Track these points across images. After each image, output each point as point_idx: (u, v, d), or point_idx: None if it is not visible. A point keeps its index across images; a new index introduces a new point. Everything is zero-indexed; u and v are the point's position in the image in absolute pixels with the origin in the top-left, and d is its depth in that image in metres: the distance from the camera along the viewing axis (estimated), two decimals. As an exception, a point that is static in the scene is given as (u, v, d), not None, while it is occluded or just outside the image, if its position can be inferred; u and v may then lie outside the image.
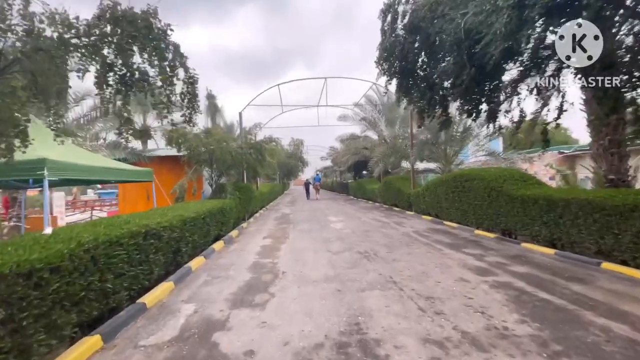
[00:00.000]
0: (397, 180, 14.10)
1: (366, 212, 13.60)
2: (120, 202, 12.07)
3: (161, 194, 9.42)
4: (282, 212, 15.57)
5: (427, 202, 10.84)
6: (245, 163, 9.97)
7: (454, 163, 13.91)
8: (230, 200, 9.31)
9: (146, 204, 11.34)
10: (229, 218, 8.70)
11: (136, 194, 11.57)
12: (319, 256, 6.15)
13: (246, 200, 11.53)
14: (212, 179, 10.43)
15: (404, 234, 8.21)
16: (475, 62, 4.61)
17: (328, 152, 37.98)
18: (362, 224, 10.15)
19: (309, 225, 10.31)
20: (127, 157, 9.86)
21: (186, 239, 5.49)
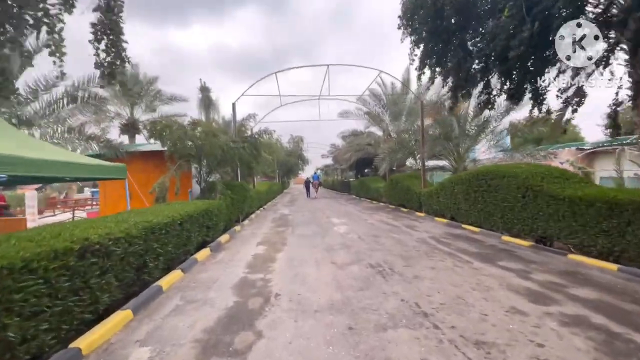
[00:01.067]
0: (406, 178, 12.95)
1: (372, 214, 12.46)
2: (101, 201, 10.96)
3: (141, 194, 8.29)
4: (280, 212, 14.43)
5: (441, 202, 9.69)
6: (238, 159, 8.82)
7: (467, 160, 12.76)
8: (220, 200, 8.17)
9: (130, 203, 10.21)
10: (217, 221, 7.56)
11: (117, 193, 10.39)
12: (322, 271, 5.01)
13: (240, 200, 10.38)
14: (200, 177, 9.28)
15: (419, 241, 7.06)
16: (537, 16, 3.44)
17: (329, 149, 36.88)
18: (369, 228, 9.00)
19: (310, 229, 9.17)
20: (103, 152, 8.68)
21: (154, 251, 4.35)
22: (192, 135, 8.27)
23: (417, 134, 12.93)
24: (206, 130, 8.42)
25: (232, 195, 9.51)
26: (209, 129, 8.57)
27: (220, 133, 8.85)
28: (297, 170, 41.44)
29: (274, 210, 15.69)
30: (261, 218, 12.39)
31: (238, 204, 10.26)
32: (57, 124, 7.68)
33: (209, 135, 8.32)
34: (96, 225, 3.64)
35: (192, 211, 5.85)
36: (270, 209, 16.22)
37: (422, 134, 11.48)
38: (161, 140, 8.15)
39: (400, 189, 13.15)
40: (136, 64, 14.62)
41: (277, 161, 31.67)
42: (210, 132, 8.47)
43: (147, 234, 4.14)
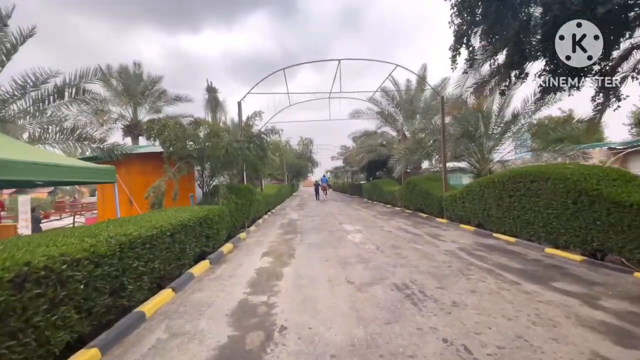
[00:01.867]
0: (424, 181, 11.98)
1: (387, 219, 11.53)
2: (99, 206, 10.40)
3: (134, 200, 7.63)
4: (289, 217, 13.65)
5: (467, 208, 8.71)
6: (242, 160, 8.07)
7: (492, 161, 11.71)
8: (221, 206, 7.43)
9: (128, 209, 9.61)
10: (218, 229, 6.81)
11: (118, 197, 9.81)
12: (337, 293, 4.16)
13: (245, 205, 9.64)
14: (202, 180, 8.58)
15: (448, 253, 6.14)
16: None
17: (339, 151, 36.05)
18: (387, 236, 8.10)
19: (320, 237, 8.33)
20: (97, 155, 8.06)
21: (135, 270, 3.59)
22: (193, 134, 7.58)
23: (436, 133, 11.96)
24: (208, 130, 7.72)
25: (236, 199, 8.77)
26: (212, 128, 7.86)
27: (223, 132, 8.13)
28: (307, 172, 40.77)
29: (283, 214, 14.93)
30: (269, 223, 11.63)
31: (243, 209, 9.52)
32: (49, 123, 7.09)
33: (211, 135, 7.61)
34: (53, 241, 2.90)
35: (187, 219, 5.09)
36: (278, 213, 15.47)
37: (443, 132, 10.53)
38: (161, 142, 7.48)
39: (418, 193, 12.19)
40: (139, 63, 14.17)
41: (286, 163, 31.06)
42: (213, 132, 7.77)
43: (124, 250, 3.38)
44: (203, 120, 7.90)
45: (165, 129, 7.11)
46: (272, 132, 8.73)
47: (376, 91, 14.10)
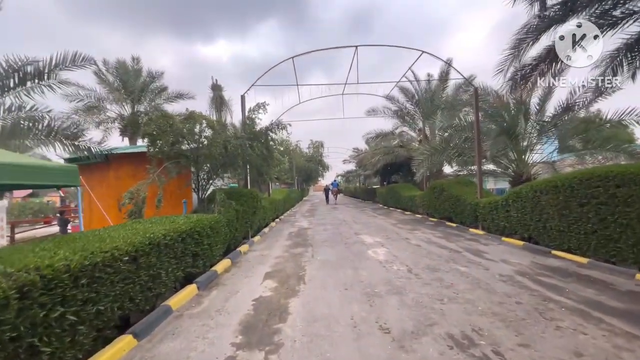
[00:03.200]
0: (453, 185, 10.48)
1: (411, 229, 10.07)
2: (86, 212, 9.35)
3: (104, 211, 6.47)
4: (298, 225, 12.33)
5: (512, 217, 7.20)
6: (243, 160, 6.81)
7: (530, 163, 10.12)
8: (217, 215, 6.18)
9: (117, 215, 8.50)
10: (211, 244, 5.55)
11: (105, 203, 8.73)
12: (368, 352, 2.79)
13: (249, 213, 8.39)
14: (198, 184, 7.36)
15: (507, 280, 4.68)
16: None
17: (351, 154, 34.66)
18: (417, 252, 6.67)
19: (335, 252, 6.97)
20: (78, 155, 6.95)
21: (61, 320, 2.32)
22: (185, 129, 6.39)
23: (467, 130, 10.48)
24: (204, 124, 6.51)
25: (237, 206, 7.52)
26: (208, 123, 6.66)
27: (220, 127, 6.91)
28: (317, 176, 39.49)
29: (292, 222, 13.62)
30: (275, 233, 10.34)
31: (246, 217, 8.26)
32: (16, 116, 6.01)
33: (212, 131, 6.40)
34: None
35: (160, 235, 3.83)
36: (287, 220, 14.18)
37: (477, 128, 9.04)
38: (140, 135, 6.32)
39: (446, 199, 10.69)
40: (137, 57, 13.21)
41: (295, 167, 29.86)
42: (210, 127, 6.56)
43: (32, 293, 2.11)
44: (197, 114, 6.74)
45: (149, 122, 5.94)
46: (277, 127, 7.45)
47: (399, 81, 12.43)
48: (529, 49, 6.58)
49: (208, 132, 6.90)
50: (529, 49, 6.57)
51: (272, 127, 7.45)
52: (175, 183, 7.59)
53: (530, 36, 6.57)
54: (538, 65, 6.48)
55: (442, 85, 15.81)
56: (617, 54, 6.88)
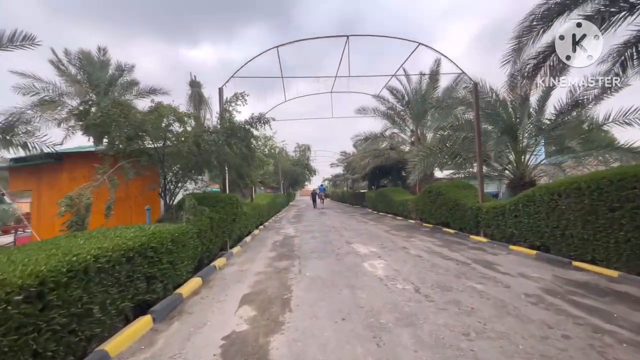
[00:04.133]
0: (450, 189, 9.77)
1: (407, 237, 9.26)
2: (34, 221, 8.02)
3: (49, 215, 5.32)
4: (284, 232, 11.33)
5: (522, 223, 6.50)
6: (218, 158, 5.79)
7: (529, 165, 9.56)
8: (185, 225, 5.15)
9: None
10: (175, 261, 4.52)
11: (56, 210, 7.46)
12: None
13: (226, 220, 7.36)
14: (164, 188, 6.28)
15: (534, 300, 3.87)
16: None
17: (339, 157, 33.92)
18: (420, 265, 5.83)
19: (326, 265, 6.04)
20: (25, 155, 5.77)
21: None
22: (151, 123, 5.33)
23: (466, 130, 9.83)
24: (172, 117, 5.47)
25: (212, 214, 6.48)
26: (177, 115, 5.62)
27: (195, 121, 5.87)
28: (304, 181, 38.50)
29: (277, 229, 12.59)
30: (258, 242, 9.30)
31: (224, 226, 7.22)
32: None
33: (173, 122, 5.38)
34: None
35: (92, 256, 2.79)
36: (272, 227, 13.13)
37: (478, 127, 8.35)
38: (82, 127, 5.21)
39: (442, 203, 9.97)
40: (104, 48, 11.93)
41: (281, 170, 28.80)
42: (177, 120, 5.54)
43: None
44: (164, 106, 5.70)
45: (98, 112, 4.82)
46: (259, 121, 6.46)
47: (394, 75, 11.57)
48: (540, 36, 5.93)
49: (178, 127, 5.87)
50: (539, 37, 5.93)
51: (253, 121, 6.46)
52: (139, 186, 6.48)
53: (541, 24, 5.94)
54: (551, 55, 5.84)
55: (433, 84, 15.27)
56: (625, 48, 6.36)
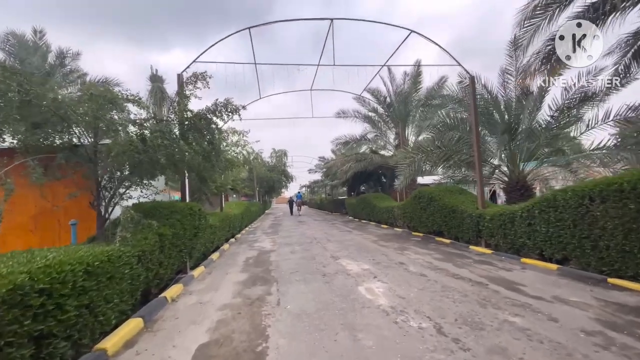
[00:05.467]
0: (444, 194, 8.87)
1: (399, 249, 8.20)
2: None
3: None
4: (258, 246, 9.88)
5: (538, 233, 5.61)
6: (166, 157, 4.33)
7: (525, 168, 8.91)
8: (115, 247, 3.70)
9: (30, 237, 5.54)
10: (93, 304, 3.08)
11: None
12: None
13: (185, 236, 5.89)
14: (98, 196, 4.73)
15: (600, 341, 2.84)
16: None
17: (317, 163, 32.82)
18: (428, 288, 4.71)
19: (312, 292, 4.75)
20: None
21: None
22: (76, 109, 3.84)
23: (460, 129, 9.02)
24: (100, 99, 4.00)
25: (164, 229, 5.01)
26: (110, 96, 4.15)
27: (126, 103, 4.41)
28: (280, 187, 36.93)
29: (251, 242, 11.10)
30: (227, 260, 7.82)
31: (181, 243, 5.74)
32: None
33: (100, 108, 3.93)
34: None
35: None
36: (245, 240, 11.61)
37: (476, 127, 7.51)
38: None
39: (435, 210, 9.04)
40: (41, 30, 10.03)
41: (256, 177, 27.16)
42: (109, 101, 4.09)
43: None
44: (98, 87, 4.23)
45: None
46: (225, 109, 5.08)
47: (384, 65, 10.38)
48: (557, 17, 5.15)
49: (115, 115, 4.41)
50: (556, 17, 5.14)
51: (217, 109, 5.09)
52: (62, 191, 4.87)
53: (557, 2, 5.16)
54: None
55: (415, 86, 14.62)
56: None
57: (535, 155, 8.97)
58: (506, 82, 8.84)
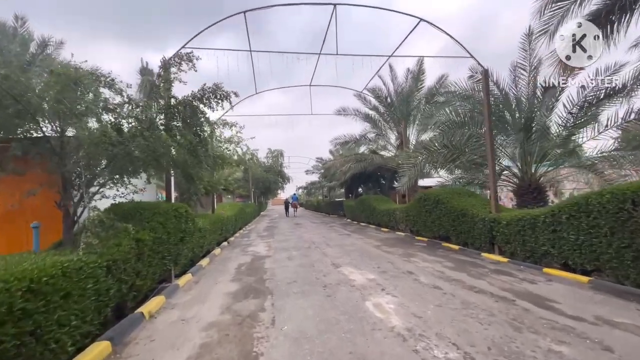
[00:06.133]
0: (452, 196, 8.29)
1: (404, 255, 7.61)
2: None
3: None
4: (252, 251, 9.23)
5: (565, 240, 5.03)
6: (140, 150, 3.66)
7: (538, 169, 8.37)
8: (76, 257, 3.05)
9: None
10: (41, 329, 2.43)
11: None
12: None
13: (169, 242, 5.25)
14: (66, 194, 4.06)
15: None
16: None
17: (314, 164, 32.21)
18: (446, 304, 4.11)
19: (313, 306, 4.12)
20: None
21: None
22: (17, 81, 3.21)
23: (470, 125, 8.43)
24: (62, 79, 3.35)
25: (142, 234, 4.36)
26: (76, 76, 3.51)
27: (94, 84, 3.75)
28: (277, 188, 36.22)
29: (244, 246, 10.44)
30: (218, 266, 7.16)
31: (164, 249, 5.09)
32: None
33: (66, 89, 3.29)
34: None
35: None
36: (238, 244, 10.94)
37: (489, 123, 6.95)
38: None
39: (442, 214, 8.46)
40: (22, 17, 9.28)
41: (252, 177, 26.47)
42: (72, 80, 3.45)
43: None
44: (61, 63, 3.57)
45: None
46: (214, 95, 4.42)
47: (391, 55, 9.68)
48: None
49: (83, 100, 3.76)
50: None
51: (205, 94, 4.44)
52: (40, 193, 4.18)
53: None
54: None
55: (417, 84, 14.09)
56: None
57: (548, 156, 8.44)
58: (518, 78, 8.33)
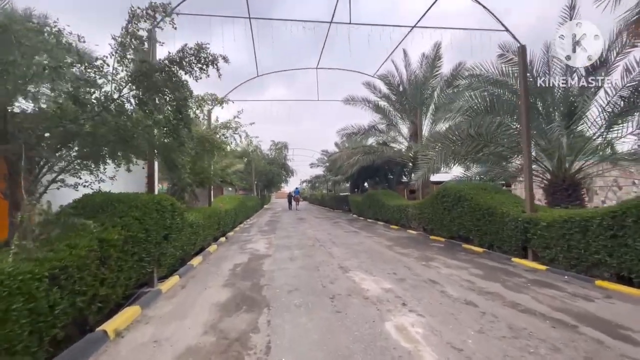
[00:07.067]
0: (477, 192, 7.34)
1: (422, 258, 6.73)
2: None
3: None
4: (251, 248, 8.42)
5: (632, 249, 4.11)
6: (92, 127, 2.78)
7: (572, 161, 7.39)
8: (9, 263, 2.20)
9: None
10: None
11: None
12: None
13: (149, 240, 4.44)
14: (12, 182, 3.25)
15: None
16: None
17: (319, 157, 31.29)
18: (492, 332, 3.23)
19: (318, 328, 3.28)
20: None
21: None
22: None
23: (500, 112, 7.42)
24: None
25: (108, 233, 3.54)
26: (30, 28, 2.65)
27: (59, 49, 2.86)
28: (280, 182, 35.38)
29: (243, 241, 9.63)
30: (210, 267, 6.34)
31: (143, 249, 4.27)
32: None
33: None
34: None
35: None
36: (237, 239, 10.14)
37: (527, 106, 5.94)
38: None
39: (465, 212, 7.52)
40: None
41: (254, 170, 25.64)
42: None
43: None
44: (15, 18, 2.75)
45: None
46: (196, 58, 3.46)
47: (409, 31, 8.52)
48: None
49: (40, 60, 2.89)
50: None
51: (186, 56, 3.49)
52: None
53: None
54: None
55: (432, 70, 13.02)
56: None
57: (584, 150, 7.45)
58: (554, 58, 7.29)
